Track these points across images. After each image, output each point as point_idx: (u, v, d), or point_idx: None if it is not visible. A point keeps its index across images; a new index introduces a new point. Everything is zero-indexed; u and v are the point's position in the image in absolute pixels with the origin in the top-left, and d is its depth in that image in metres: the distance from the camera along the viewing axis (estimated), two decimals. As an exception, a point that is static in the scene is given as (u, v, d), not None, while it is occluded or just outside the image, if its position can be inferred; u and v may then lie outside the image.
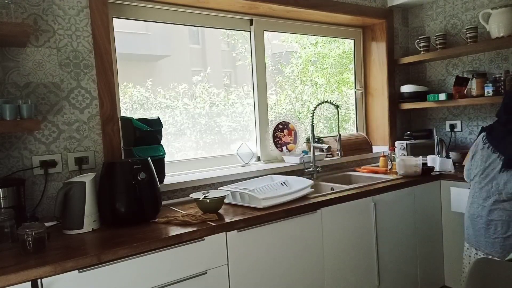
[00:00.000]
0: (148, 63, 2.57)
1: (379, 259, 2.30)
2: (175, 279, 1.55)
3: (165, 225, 1.71)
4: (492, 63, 2.85)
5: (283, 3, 2.55)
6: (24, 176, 1.79)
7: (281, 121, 2.82)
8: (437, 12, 3.16)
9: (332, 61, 3.30)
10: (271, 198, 1.94)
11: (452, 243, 2.63)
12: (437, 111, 3.24)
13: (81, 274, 1.35)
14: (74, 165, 1.91)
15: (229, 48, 2.84)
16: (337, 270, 2.11)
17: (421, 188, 2.53)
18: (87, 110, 1.95)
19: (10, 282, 1.23)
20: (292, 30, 2.93)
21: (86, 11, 1.93)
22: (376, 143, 3.29)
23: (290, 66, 3.08)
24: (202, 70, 2.67)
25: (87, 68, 1.95)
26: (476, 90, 2.73)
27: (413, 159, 2.57)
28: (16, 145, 1.79)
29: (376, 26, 3.22)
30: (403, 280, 2.46)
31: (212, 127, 2.64)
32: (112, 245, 1.46)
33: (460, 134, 3.11)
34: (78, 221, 1.65)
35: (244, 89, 2.79)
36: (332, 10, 2.80)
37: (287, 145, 2.81)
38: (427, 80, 3.28)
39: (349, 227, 2.16)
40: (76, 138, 1.93)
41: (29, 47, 1.81)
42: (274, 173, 2.43)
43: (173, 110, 2.50)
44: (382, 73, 3.22)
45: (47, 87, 1.85)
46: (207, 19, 2.53)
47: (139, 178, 1.73)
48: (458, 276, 2.62)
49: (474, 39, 2.77)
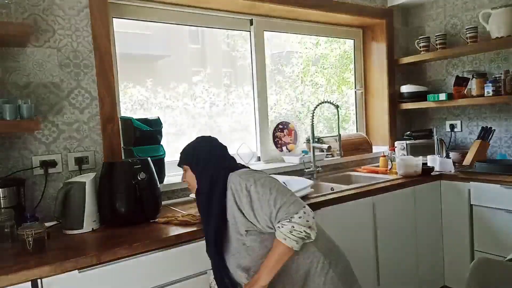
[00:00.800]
0: (148, 63, 2.57)
1: (379, 259, 2.30)
2: (175, 279, 1.55)
3: (165, 225, 1.70)
4: (492, 63, 2.85)
5: (283, 3, 2.55)
6: (24, 176, 1.79)
7: (281, 121, 2.82)
8: (437, 12, 3.15)
9: (333, 61, 3.30)
10: (271, 198, 1.94)
11: (452, 243, 2.63)
12: (437, 111, 3.24)
13: (81, 274, 1.35)
14: (74, 165, 1.91)
15: (229, 48, 2.84)
16: (337, 270, 2.11)
17: (421, 188, 2.53)
18: (87, 110, 1.95)
19: (10, 282, 1.23)
20: (292, 30, 2.93)
21: (86, 11, 1.93)
22: (376, 143, 3.29)
23: (291, 66, 3.08)
24: (202, 70, 2.67)
25: (87, 68, 1.95)
26: (476, 90, 2.73)
27: (413, 159, 2.57)
28: (16, 145, 1.79)
29: (376, 26, 3.22)
30: (403, 280, 2.45)
31: (212, 127, 2.64)
32: (112, 245, 1.46)
33: (460, 134, 3.11)
34: (78, 221, 1.65)
35: (244, 89, 2.79)
36: (332, 10, 2.80)
37: (287, 145, 2.81)
38: (427, 80, 3.28)
39: (349, 227, 2.16)
40: (76, 138, 1.93)
41: (29, 47, 1.81)
42: (274, 173, 2.43)
43: (173, 110, 2.50)
44: (382, 73, 3.22)
45: (47, 87, 1.85)
46: (207, 19, 2.53)
47: (139, 178, 1.73)
48: (458, 276, 2.62)
49: (474, 39, 2.77)
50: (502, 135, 2.86)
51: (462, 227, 2.56)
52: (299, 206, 1.29)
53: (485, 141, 2.79)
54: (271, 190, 1.32)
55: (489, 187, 2.39)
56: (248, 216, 1.35)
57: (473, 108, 3.01)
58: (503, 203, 2.34)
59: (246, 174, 1.40)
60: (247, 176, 1.37)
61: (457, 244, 2.59)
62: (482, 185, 2.42)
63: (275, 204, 1.29)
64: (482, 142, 2.78)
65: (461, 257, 2.58)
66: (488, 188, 2.39)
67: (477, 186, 2.45)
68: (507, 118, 2.82)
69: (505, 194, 2.32)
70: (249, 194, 1.34)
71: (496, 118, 2.88)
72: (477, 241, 2.50)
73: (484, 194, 2.42)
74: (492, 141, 2.85)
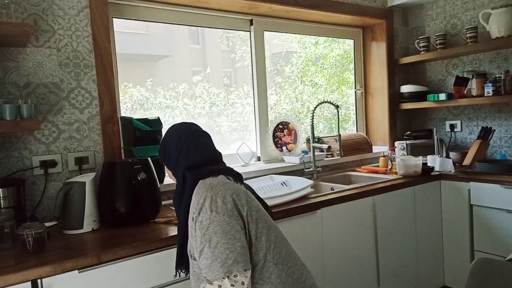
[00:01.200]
0: (148, 63, 2.57)
1: (379, 259, 2.30)
2: (175, 278, 1.55)
3: (165, 225, 1.70)
4: (492, 63, 2.85)
5: (283, 3, 2.55)
6: (24, 176, 1.79)
7: (281, 121, 2.82)
8: (437, 12, 3.15)
9: (333, 61, 3.30)
10: (271, 198, 1.94)
11: (452, 243, 2.63)
12: (437, 111, 3.24)
13: (81, 274, 1.35)
14: (74, 165, 1.91)
15: (229, 48, 2.84)
16: (337, 270, 2.11)
17: (421, 188, 2.53)
18: (87, 110, 1.95)
19: (10, 282, 1.23)
20: (292, 30, 2.93)
21: (86, 11, 1.93)
22: (376, 143, 3.29)
23: (290, 66, 3.08)
24: (202, 70, 2.67)
25: (87, 68, 1.95)
26: (476, 90, 2.73)
27: (413, 159, 2.57)
28: (16, 145, 1.79)
29: (376, 26, 3.22)
30: (403, 280, 2.45)
31: (212, 127, 2.64)
32: (112, 245, 1.46)
33: (460, 134, 3.11)
34: (78, 221, 1.65)
35: (244, 89, 2.79)
36: (332, 10, 2.80)
37: (287, 145, 2.81)
38: (427, 80, 3.28)
39: (349, 227, 2.16)
40: (76, 138, 1.93)
41: (29, 47, 1.81)
42: (274, 173, 2.43)
43: (173, 110, 2.50)
44: (382, 73, 3.22)
45: (47, 87, 1.85)
46: (207, 19, 2.53)
47: (139, 178, 1.73)
48: (458, 276, 2.62)
49: (474, 39, 2.77)
50: (502, 135, 2.86)
51: (462, 227, 2.56)
52: (221, 273, 1.07)
53: (485, 141, 2.80)
54: (202, 238, 1.11)
55: (489, 187, 2.39)
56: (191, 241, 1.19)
57: (473, 108, 3.01)
58: (503, 203, 2.34)
59: (204, 193, 1.17)
60: (199, 202, 1.16)
61: (457, 244, 2.59)
62: (482, 185, 2.42)
63: (200, 256, 1.12)
64: (482, 142, 2.78)
65: (461, 257, 2.58)
66: (488, 188, 2.39)
67: (477, 186, 2.45)
68: (507, 118, 2.82)
69: (505, 194, 2.32)
70: (192, 221, 1.17)
71: (496, 118, 2.88)
72: (477, 241, 2.50)
73: (484, 194, 2.42)
74: (492, 141, 2.85)
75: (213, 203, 1.14)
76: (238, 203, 1.17)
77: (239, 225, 1.14)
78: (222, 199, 1.15)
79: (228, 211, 1.13)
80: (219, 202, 1.14)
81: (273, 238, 1.20)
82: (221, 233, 1.10)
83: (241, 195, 1.20)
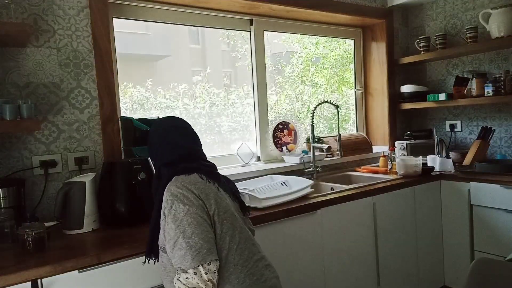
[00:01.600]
0: (148, 63, 2.57)
1: (379, 259, 2.30)
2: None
3: (165, 225, 1.70)
4: (492, 63, 2.85)
5: (283, 3, 2.55)
6: (24, 176, 1.79)
7: (281, 121, 2.82)
8: (437, 12, 3.15)
9: (333, 61, 3.30)
10: (271, 198, 1.94)
11: (452, 243, 2.63)
12: (437, 111, 3.24)
13: (81, 274, 1.35)
14: (74, 165, 1.91)
15: (229, 48, 2.84)
16: (337, 270, 2.11)
17: (421, 188, 2.53)
18: (87, 110, 1.95)
19: (10, 282, 1.23)
20: (292, 30, 2.93)
21: (86, 11, 1.93)
22: (376, 143, 3.29)
23: (291, 66, 3.08)
24: (202, 70, 2.67)
25: (87, 68, 1.95)
26: (476, 90, 2.73)
27: (413, 159, 2.57)
28: (16, 145, 1.79)
29: (376, 26, 3.22)
30: (403, 280, 2.46)
31: (212, 127, 2.64)
32: (112, 245, 1.46)
33: (460, 134, 3.11)
34: (78, 221, 1.66)
35: (244, 89, 2.79)
36: (332, 10, 2.80)
37: (287, 145, 2.81)
38: (427, 80, 3.28)
39: (349, 227, 2.16)
40: (76, 138, 1.93)
41: (29, 47, 1.81)
42: (274, 173, 2.43)
43: (173, 110, 2.50)
44: (382, 73, 3.22)
45: (47, 87, 1.85)
46: (207, 19, 2.53)
47: (139, 178, 1.74)
48: (458, 276, 2.62)
49: (474, 39, 2.77)
50: (502, 135, 2.86)
51: (462, 227, 2.56)
52: (196, 262, 1.12)
53: (485, 141, 2.80)
54: (176, 230, 1.16)
55: (489, 187, 2.39)
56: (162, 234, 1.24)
57: (473, 108, 3.01)
58: (503, 203, 2.34)
59: (176, 189, 1.22)
60: (171, 197, 1.21)
61: (457, 244, 2.59)
62: (482, 185, 2.42)
63: (173, 248, 1.16)
64: (482, 142, 2.78)
65: (461, 257, 2.58)
66: (488, 188, 2.39)
67: (477, 186, 2.45)
68: (507, 118, 2.82)
69: (505, 194, 2.32)
70: (164, 215, 1.22)
71: (496, 118, 2.88)
72: (477, 241, 2.50)
73: (484, 194, 2.42)
74: (492, 141, 2.85)
75: (185, 198, 1.20)
76: (206, 202, 1.23)
77: (208, 222, 1.21)
78: (193, 196, 1.21)
79: (200, 207, 1.21)
80: (191, 198, 1.21)
81: (237, 239, 1.25)
82: (195, 224, 1.17)
83: (210, 195, 1.25)
